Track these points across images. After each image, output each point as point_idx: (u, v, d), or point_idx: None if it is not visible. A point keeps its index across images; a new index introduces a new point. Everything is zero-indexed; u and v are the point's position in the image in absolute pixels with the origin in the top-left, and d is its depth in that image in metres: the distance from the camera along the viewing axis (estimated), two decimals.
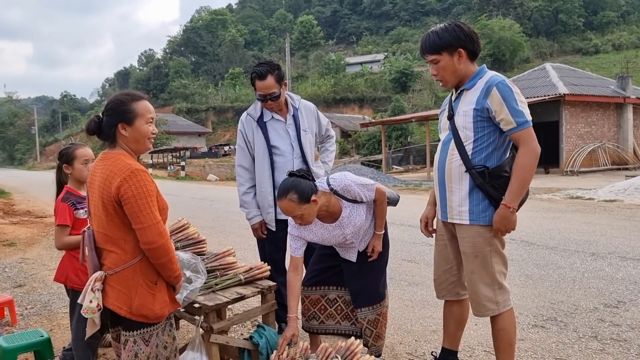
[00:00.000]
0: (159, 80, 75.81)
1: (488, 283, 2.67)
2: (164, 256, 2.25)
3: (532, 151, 2.55)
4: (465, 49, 2.61)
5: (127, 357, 2.34)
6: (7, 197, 18.77)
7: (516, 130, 2.54)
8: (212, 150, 44.87)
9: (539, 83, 22.60)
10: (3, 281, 6.26)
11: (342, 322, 3.33)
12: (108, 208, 2.24)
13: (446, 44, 2.60)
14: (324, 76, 58.11)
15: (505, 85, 2.55)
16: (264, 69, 3.41)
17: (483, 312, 2.72)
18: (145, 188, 2.22)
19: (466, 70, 2.65)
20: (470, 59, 2.66)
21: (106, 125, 2.32)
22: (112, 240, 2.29)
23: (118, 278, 2.29)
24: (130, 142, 2.34)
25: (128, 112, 2.31)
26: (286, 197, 2.75)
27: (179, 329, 4.18)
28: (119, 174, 2.21)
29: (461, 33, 2.59)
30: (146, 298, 2.29)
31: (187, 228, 3.71)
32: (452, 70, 2.65)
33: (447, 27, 2.63)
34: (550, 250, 6.68)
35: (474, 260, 2.68)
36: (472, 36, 2.61)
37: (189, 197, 16.22)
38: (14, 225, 11.05)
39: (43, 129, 79.27)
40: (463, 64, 2.63)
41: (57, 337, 4.11)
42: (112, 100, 2.38)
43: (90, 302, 2.27)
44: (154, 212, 2.23)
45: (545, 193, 13.83)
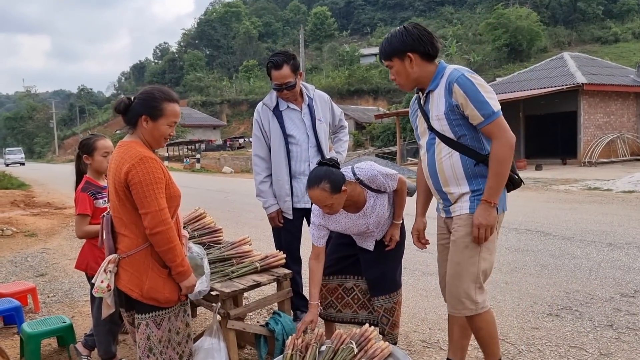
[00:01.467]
0: (174, 73, 76.25)
1: (471, 279, 2.53)
2: (165, 244, 2.31)
3: (506, 142, 2.43)
4: (416, 52, 2.51)
5: (140, 340, 2.43)
6: (28, 189, 19.09)
7: (485, 124, 2.43)
8: (227, 143, 45.06)
9: (557, 73, 22.32)
10: (25, 270, 6.41)
11: (359, 311, 3.36)
12: (119, 193, 2.33)
13: (395, 50, 2.54)
14: (338, 68, 57.92)
15: (465, 79, 2.44)
16: (280, 59, 3.46)
17: (460, 309, 2.57)
18: (153, 175, 2.29)
19: (421, 73, 2.56)
20: (426, 60, 2.55)
21: (132, 111, 2.40)
22: (125, 225, 2.38)
23: (130, 261, 2.37)
24: (147, 135, 2.42)
25: (156, 109, 2.39)
26: (319, 187, 2.74)
27: (197, 316, 4.26)
28: (129, 160, 2.30)
29: (408, 37, 2.50)
30: (157, 282, 2.36)
31: (203, 217, 3.78)
32: (405, 75, 2.57)
33: (395, 32, 2.56)
34: (566, 241, 6.65)
35: (464, 250, 2.54)
36: (422, 38, 2.50)
37: (204, 189, 16.36)
38: (34, 216, 11.26)
39: (61, 123, 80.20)
40: (416, 67, 2.53)
41: (79, 324, 4.21)
42: (147, 91, 2.44)
43: (101, 282, 2.37)
44: (158, 200, 2.29)
45: (562, 184, 13.71)
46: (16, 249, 7.83)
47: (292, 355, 2.67)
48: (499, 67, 44.27)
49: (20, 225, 9.77)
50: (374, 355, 2.60)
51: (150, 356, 2.42)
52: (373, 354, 2.61)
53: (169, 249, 2.33)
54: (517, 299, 4.48)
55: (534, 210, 9.27)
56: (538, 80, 22.58)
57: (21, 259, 7.07)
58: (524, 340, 3.61)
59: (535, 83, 22.27)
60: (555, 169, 18.44)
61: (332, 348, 2.67)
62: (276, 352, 2.97)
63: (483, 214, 2.47)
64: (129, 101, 2.43)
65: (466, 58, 46.90)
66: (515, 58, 45.28)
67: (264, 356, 3.07)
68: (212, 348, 2.80)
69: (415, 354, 3.44)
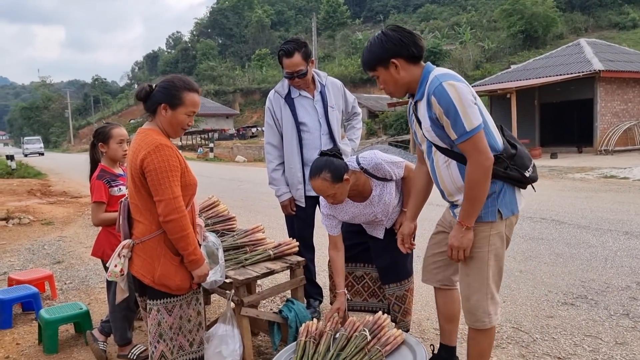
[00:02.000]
0: (187, 62, 76.30)
1: (482, 290, 2.43)
2: (178, 232, 2.32)
3: (477, 165, 2.23)
4: (400, 57, 2.33)
5: (151, 325, 2.46)
6: (44, 178, 19.34)
7: (458, 142, 2.25)
8: (240, 132, 45.09)
9: (573, 59, 21.96)
10: (43, 257, 6.50)
11: (369, 299, 3.37)
12: (135, 179, 2.35)
13: (377, 59, 2.36)
14: (350, 56, 57.52)
15: (442, 90, 2.22)
16: (291, 47, 3.44)
17: (473, 322, 2.48)
18: (168, 163, 2.30)
19: (411, 78, 2.37)
20: (412, 63, 2.36)
21: (152, 99, 2.42)
22: (140, 211, 2.40)
23: (144, 247, 2.40)
24: (165, 124, 2.42)
25: (176, 98, 2.39)
26: (319, 176, 2.76)
27: (211, 304, 4.29)
28: (145, 148, 2.31)
29: (389, 42, 2.32)
30: (168, 269, 2.38)
31: (217, 205, 3.80)
32: (393, 83, 2.39)
33: (375, 39, 2.38)
34: (581, 229, 6.58)
35: (470, 261, 2.43)
36: (404, 40, 2.31)
37: (218, 178, 16.43)
38: (51, 205, 11.41)
39: (76, 112, 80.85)
40: (404, 72, 2.35)
41: (95, 310, 4.27)
42: (169, 79, 2.45)
43: (115, 267, 2.41)
44: (172, 187, 2.30)
45: (577, 172, 13.55)
46: (33, 237, 7.95)
47: (306, 343, 2.68)
48: (514, 54, 43.62)
49: (37, 214, 9.90)
50: (387, 342, 2.60)
51: (160, 342, 2.45)
52: (386, 341, 2.61)
53: (182, 237, 2.34)
54: (532, 287, 4.45)
55: (548, 198, 9.18)
56: (554, 67, 22.24)
57: (38, 246, 7.17)
58: (538, 329, 3.59)
59: (551, 70, 21.94)
60: (571, 157, 18.23)
61: (345, 335, 2.68)
62: (289, 339, 2.98)
63: (457, 235, 2.37)
64: (150, 89, 2.44)
65: (480, 45, 46.32)
66: (530, 45, 44.56)
67: (278, 343, 3.09)
68: (226, 335, 2.83)
69: (428, 342, 3.44)
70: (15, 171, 20.33)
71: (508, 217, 2.41)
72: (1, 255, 6.72)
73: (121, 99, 78.98)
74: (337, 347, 2.61)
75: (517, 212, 2.46)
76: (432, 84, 2.27)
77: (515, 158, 2.38)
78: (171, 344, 2.47)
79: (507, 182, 2.38)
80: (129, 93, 79.09)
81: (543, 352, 3.24)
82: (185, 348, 2.52)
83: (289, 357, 2.73)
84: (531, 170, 2.45)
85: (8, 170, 20.14)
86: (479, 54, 45.09)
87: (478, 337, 2.52)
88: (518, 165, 2.39)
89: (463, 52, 44.93)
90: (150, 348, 2.49)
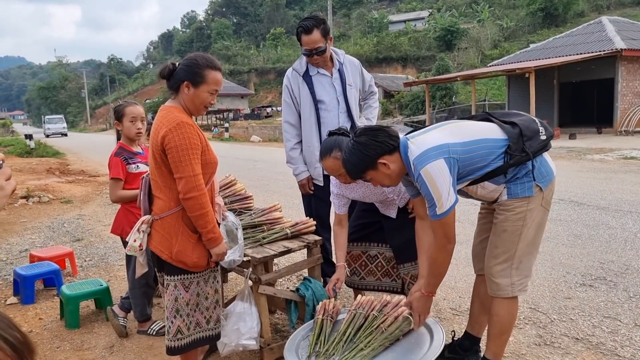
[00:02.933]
0: (202, 42, 76.14)
1: (508, 260, 2.45)
2: (197, 209, 2.33)
3: (442, 249, 2.38)
4: (384, 155, 2.35)
5: (168, 301, 2.49)
6: (62, 157, 19.57)
7: (431, 218, 2.36)
8: (255, 112, 45.05)
9: (594, 38, 21.48)
10: (63, 235, 6.61)
11: (382, 279, 3.37)
12: (156, 156, 2.37)
13: (365, 167, 2.39)
14: (366, 35, 56.92)
15: (421, 180, 2.27)
16: (310, 23, 3.40)
17: (495, 290, 2.50)
18: (189, 140, 2.31)
19: (401, 164, 2.39)
20: (395, 153, 2.37)
21: (175, 77, 2.42)
22: (160, 188, 2.42)
23: (162, 223, 2.43)
24: (188, 101, 2.43)
25: (198, 76, 2.39)
26: (330, 156, 2.77)
27: (228, 282, 4.34)
28: (166, 124, 2.32)
29: (369, 149, 2.34)
30: (186, 245, 2.41)
31: (234, 184, 3.80)
32: (388, 178, 2.42)
33: (351, 152, 2.39)
34: (601, 211, 6.50)
35: (502, 234, 2.46)
36: (379, 140, 2.35)
37: (233, 158, 16.49)
38: (69, 183, 11.57)
39: (92, 92, 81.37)
40: (393, 165, 2.37)
41: (115, 287, 4.34)
42: (192, 57, 2.45)
43: (134, 241, 2.45)
44: (192, 165, 2.31)
45: (597, 153, 13.35)
46: (53, 215, 8.08)
47: (323, 321, 2.70)
48: (533, 33, 42.76)
49: (56, 192, 10.05)
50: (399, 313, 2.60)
51: (177, 317, 2.49)
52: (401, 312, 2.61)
53: (201, 215, 2.35)
54: (550, 268, 4.42)
55: (567, 179, 9.07)
56: (574, 46, 21.79)
57: (58, 224, 7.29)
58: (556, 310, 3.57)
59: (571, 49, 21.50)
60: (590, 138, 17.95)
61: (363, 314, 2.69)
62: (307, 317, 3.00)
63: (419, 304, 2.57)
64: (173, 67, 2.44)
65: (499, 23, 45.47)
66: (550, 23, 43.60)
67: (295, 321, 3.11)
68: (243, 312, 2.85)
69: (445, 321, 3.45)
70: (34, 150, 20.60)
71: (547, 186, 2.43)
72: (22, 232, 6.85)
73: (137, 78, 79.26)
74: (354, 327, 2.63)
75: (554, 176, 2.48)
76: (415, 171, 2.31)
77: (523, 132, 2.37)
78: (187, 320, 2.50)
79: (535, 156, 2.38)
80: (145, 73, 79.34)
81: (561, 332, 3.23)
82: (202, 325, 2.55)
83: (306, 334, 2.75)
84: (543, 130, 2.44)
85: (27, 149, 20.41)
86: (497, 33, 44.30)
87: (500, 310, 2.52)
88: (530, 136, 2.37)
89: (481, 30, 44.16)
90: (167, 323, 2.53)
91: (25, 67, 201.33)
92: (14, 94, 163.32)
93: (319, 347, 2.55)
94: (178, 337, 2.50)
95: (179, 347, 2.51)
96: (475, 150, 2.33)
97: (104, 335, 3.53)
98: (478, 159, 2.34)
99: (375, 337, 2.55)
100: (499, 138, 2.38)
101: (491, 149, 2.35)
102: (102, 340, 3.45)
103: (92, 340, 3.46)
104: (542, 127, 2.45)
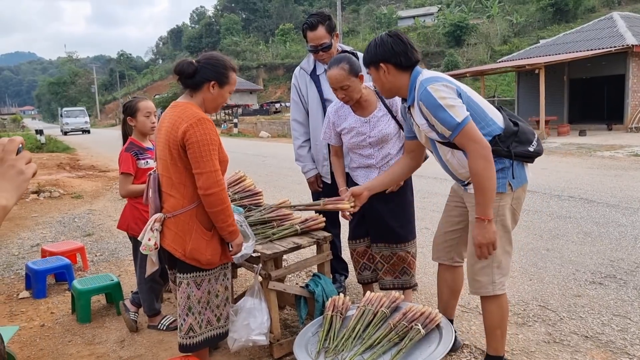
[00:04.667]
0: (211, 37, 76.24)
1: (489, 258, 2.46)
2: (218, 205, 2.35)
3: (476, 154, 2.29)
4: (388, 63, 2.47)
5: (181, 298, 2.51)
6: (73, 152, 19.72)
7: (453, 137, 2.34)
8: (264, 108, 45.11)
9: (605, 34, 21.26)
10: (73, 230, 6.67)
11: (401, 277, 3.37)
12: (173, 152, 2.37)
13: (370, 60, 2.54)
14: (375, 31, 56.75)
15: (427, 94, 2.33)
16: (315, 20, 3.43)
17: (477, 288, 2.55)
18: (209, 136, 2.32)
19: (396, 83, 2.51)
20: (400, 70, 2.48)
21: (201, 75, 2.42)
22: (174, 185, 2.43)
23: (175, 221, 2.43)
24: (209, 100, 2.46)
25: (225, 77, 2.45)
26: (338, 66, 2.95)
27: (237, 277, 4.36)
28: (186, 120, 2.33)
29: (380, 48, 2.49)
30: (200, 243, 2.42)
31: (244, 180, 3.81)
32: (380, 84, 2.56)
33: (373, 41, 2.56)
34: (611, 208, 6.46)
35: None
36: (395, 48, 2.45)
37: (242, 153, 16.53)
38: (80, 179, 11.65)
39: (102, 88, 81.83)
40: (390, 77, 2.49)
41: (125, 282, 4.38)
42: (216, 57, 2.47)
43: (148, 240, 2.46)
44: (213, 160, 2.33)
45: (607, 150, 13.25)
46: (64, 210, 8.14)
47: (332, 317, 2.71)
48: (543, 29, 42.47)
49: (67, 187, 10.13)
50: (414, 318, 2.61)
51: (189, 314, 2.50)
52: (412, 317, 2.62)
53: (222, 210, 2.37)
54: (559, 266, 4.41)
55: (576, 176, 9.02)
56: (584, 42, 21.58)
57: (69, 219, 7.35)
58: (565, 308, 3.56)
59: (582, 45, 21.30)
60: (600, 135, 17.81)
61: (372, 311, 2.70)
62: (316, 313, 3.01)
63: (480, 232, 2.37)
64: (196, 65, 2.43)
65: (508, 19, 45.18)
66: (560, 19, 43.27)
67: (304, 317, 3.13)
68: (253, 308, 2.87)
69: (454, 319, 3.44)
70: (45, 145, 20.76)
71: (517, 188, 2.49)
72: (34, 227, 6.92)
73: (146, 74, 79.55)
74: (363, 323, 2.64)
75: (526, 182, 2.54)
76: (419, 90, 2.39)
77: (518, 134, 2.46)
78: (199, 318, 2.51)
79: (515, 159, 2.45)
80: (154, 68, 79.54)
81: (570, 330, 3.23)
82: (213, 323, 2.57)
83: (315, 330, 2.77)
84: (535, 145, 2.52)
85: (37, 144, 20.56)
86: (507, 29, 44.02)
87: (490, 307, 2.57)
88: (522, 141, 2.46)
89: (490, 26, 43.90)
90: (179, 320, 2.55)
91: (36, 63, 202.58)
92: (24, 89, 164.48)
93: (329, 343, 2.57)
94: (190, 334, 2.51)
95: (191, 344, 2.52)
96: (475, 113, 2.40)
97: (115, 330, 3.57)
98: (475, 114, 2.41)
99: (383, 334, 2.56)
100: (498, 123, 2.46)
101: (486, 123, 2.43)
102: (113, 335, 3.49)
103: (103, 335, 3.50)
104: (536, 142, 2.54)
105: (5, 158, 1.11)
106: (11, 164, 1.11)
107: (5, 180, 1.10)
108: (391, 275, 3.35)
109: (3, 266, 5.18)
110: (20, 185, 1.11)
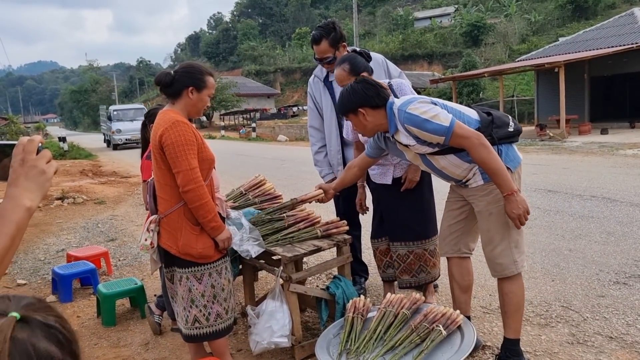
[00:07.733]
0: (228, 43, 76.74)
1: (505, 240, 2.65)
2: (197, 200, 2.49)
3: (475, 146, 2.46)
4: (365, 106, 2.63)
5: (183, 292, 2.65)
6: (94, 159, 20.02)
7: (448, 141, 2.51)
8: (281, 112, 45.23)
9: (626, 30, 20.92)
10: (97, 235, 6.79)
11: (418, 275, 3.40)
12: (156, 155, 2.55)
13: (347, 109, 2.69)
14: (391, 32, 56.61)
15: (408, 116, 2.53)
16: (318, 34, 3.54)
17: (500, 271, 2.70)
18: (184, 137, 2.47)
19: (376, 121, 2.67)
20: (377, 109, 2.65)
21: (178, 83, 2.58)
22: (162, 187, 2.59)
23: (167, 220, 2.60)
24: (190, 105, 2.62)
25: (201, 81, 2.60)
26: (340, 66, 3.10)
27: (258, 280, 4.40)
28: (163, 125, 2.50)
29: (354, 96, 2.64)
30: (190, 238, 2.56)
31: (263, 184, 3.86)
32: (362, 127, 2.71)
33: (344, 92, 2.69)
34: (634, 207, 6.36)
35: (489, 217, 2.67)
36: (367, 92, 2.62)
37: (260, 157, 16.62)
38: (102, 185, 11.84)
39: (122, 95, 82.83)
40: (370, 118, 2.65)
41: (148, 286, 4.44)
42: (189, 64, 2.67)
43: (145, 240, 2.63)
44: (189, 159, 2.47)
45: (630, 148, 13.02)
46: (87, 215, 8.29)
47: (353, 319, 2.73)
48: (562, 26, 41.87)
49: (90, 194, 10.31)
50: (435, 319, 2.61)
51: (192, 307, 2.63)
52: (434, 318, 2.62)
53: (200, 206, 2.50)
54: (582, 266, 4.36)
55: (599, 175, 8.89)
56: (605, 39, 21.25)
57: (92, 225, 7.48)
58: (588, 308, 3.53)
59: (602, 42, 20.98)
60: (623, 133, 17.50)
61: (393, 312, 2.71)
62: (337, 315, 3.03)
63: (512, 205, 2.50)
64: (173, 75, 2.60)
65: (527, 17, 44.67)
66: (580, 16, 42.63)
67: (326, 319, 3.15)
68: (275, 310, 2.91)
69: (475, 320, 3.44)
70: (68, 153, 21.11)
71: (516, 168, 2.69)
72: (59, 233, 7.06)
73: None
74: (384, 324, 2.65)
75: (521, 161, 2.75)
76: (399, 116, 2.58)
77: (494, 121, 2.67)
78: (205, 311, 2.63)
79: (501, 143, 2.64)
80: None
81: (594, 331, 3.20)
82: (223, 316, 2.69)
83: (336, 332, 2.79)
84: (513, 124, 2.73)
85: (60, 152, 20.91)
86: (525, 27, 43.51)
87: (511, 287, 2.70)
88: (500, 125, 2.67)
89: (508, 25, 43.43)
90: (182, 313, 2.68)
91: (58, 72, 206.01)
92: (47, 98, 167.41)
93: (350, 345, 2.59)
94: (196, 325, 2.65)
95: (197, 335, 2.66)
96: (453, 115, 2.56)
97: (139, 333, 3.63)
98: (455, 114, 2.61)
99: (405, 335, 2.56)
100: (473, 117, 2.67)
101: (464, 120, 2.60)
102: (137, 338, 3.55)
103: (128, 338, 3.56)
104: (513, 122, 2.74)
105: (27, 158, 1.10)
106: (32, 164, 1.10)
107: (28, 180, 1.08)
108: (408, 274, 3.38)
109: (30, 271, 5.30)
110: (43, 184, 1.10)
